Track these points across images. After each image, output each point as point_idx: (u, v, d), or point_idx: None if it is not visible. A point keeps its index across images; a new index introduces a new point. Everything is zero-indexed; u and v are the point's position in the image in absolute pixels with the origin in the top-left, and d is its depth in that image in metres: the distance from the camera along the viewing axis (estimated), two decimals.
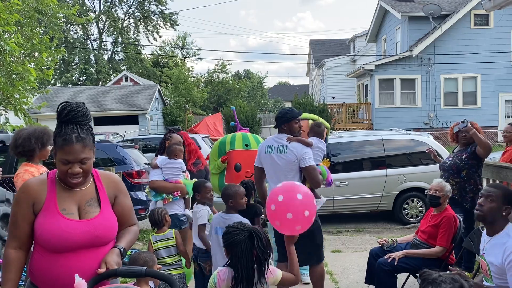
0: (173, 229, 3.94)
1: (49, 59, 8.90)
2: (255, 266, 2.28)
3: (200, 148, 13.27)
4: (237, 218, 3.43)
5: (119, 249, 2.03)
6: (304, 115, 4.54)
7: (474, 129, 4.42)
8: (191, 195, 4.29)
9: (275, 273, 2.40)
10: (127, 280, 3.94)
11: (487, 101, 20.43)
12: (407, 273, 3.85)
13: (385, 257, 3.67)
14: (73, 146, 1.88)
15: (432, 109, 20.53)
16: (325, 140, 4.55)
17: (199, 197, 3.95)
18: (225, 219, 3.48)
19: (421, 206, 8.05)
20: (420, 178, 7.98)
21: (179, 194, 4.27)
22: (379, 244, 3.95)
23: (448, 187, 3.84)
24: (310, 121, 4.68)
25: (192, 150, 5.02)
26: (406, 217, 8.07)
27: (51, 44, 9.44)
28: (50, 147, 3.64)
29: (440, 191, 3.79)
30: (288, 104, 56.13)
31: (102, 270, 1.89)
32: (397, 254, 3.64)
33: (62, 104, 1.95)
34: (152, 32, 41.20)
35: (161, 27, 41.10)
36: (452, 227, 3.64)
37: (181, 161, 4.37)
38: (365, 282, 4.02)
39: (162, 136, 5.12)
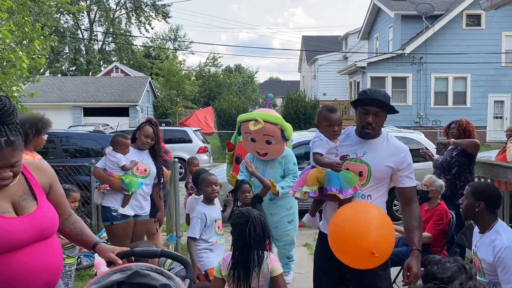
0: None
1: (42, 46, 8.81)
2: (251, 252, 2.35)
3: (191, 141, 13.49)
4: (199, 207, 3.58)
5: (104, 242, 2.10)
6: (264, 116, 4.18)
7: (452, 140, 4.59)
8: (130, 193, 4.02)
9: (275, 263, 2.46)
10: None
11: (477, 101, 20.65)
12: (399, 267, 3.89)
13: None
14: (3, 152, 1.72)
15: (422, 108, 20.70)
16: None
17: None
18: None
19: None
20: None
21: (107, 187, 3.99)
22: None
23: (438, 182, 3.89)
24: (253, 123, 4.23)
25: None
26: (396, 213, 8.15)
27: (43, 33, 9.34)
28: (45, 136, 3.57)
29: (428, 186, 3.86)
30: (279, 100, 56.11)
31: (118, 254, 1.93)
32: None
33: None
34: (144, 24, 40.93)
35: (153, 19, 40.82)
36: (442, 219, 3.71)
37: (118, 155, 4.03)
38: None
39: None
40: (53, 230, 1.95)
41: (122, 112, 24.79)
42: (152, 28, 50.50)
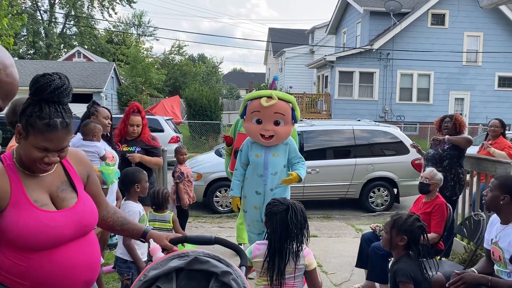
0: (171, 213, 3.80)
1: (10, 26, 8.39)
2: (290, 241, 2.30)
3: (163, 131, 13.20)
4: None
5: (152, 229, 2.01)
6: (277, 94, 3.89)
7: (446, 137, 4.71)
8: (109, 185, 3.69)
9: (311, 257, 2.42)
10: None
11: (439, 98, 21.38)
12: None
13: None
14: (58, 134, 1.60)
15: (387, 103, 21.21)
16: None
17: (139, 188, 3.26)
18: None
19: (386, 195, 8.34)
20: (387, 168, 8.26)
21: None
22: (372, 229, 4.05)
23: (438, 176, 3.97)
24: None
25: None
26: (372, 205, 8.33)
27: (11, 11, 8.89)
28: None
29: (430, 179, 3.93)
30: (243, 92, 56.03)
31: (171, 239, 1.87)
32: None
33: (45, 78, 1.60)
34: (108, 8, 39.60)
35: (118, 3, 39.56)
36: (444, 214, 3.79)
37: (97, 144, 3.69)
38: (356, 266, 4.12)
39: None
40: (93, 225, 1.82)
41: (86, 98, 23.84)
42: (115, 13, 49.00)
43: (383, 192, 8.34)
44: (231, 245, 1.87)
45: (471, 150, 5.08)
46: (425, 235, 2.65)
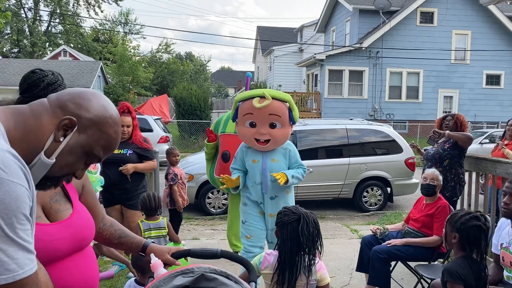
0: (164, 218, 3.65)
1: None
2: (302, 254, 2.17)
3: (151, 131, 12.98)
4: None
5: (152, 242, 1.87)
6: (272, 92, 3.54)
7: (447, 132, 4.61)
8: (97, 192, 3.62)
9: (324, 272, 2.30)
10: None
11: (428, 96, 21.46)
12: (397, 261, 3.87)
13: (386, 243, 3.67)
14: None
15: (377, 101, 21.22)
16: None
17: None
18: None
19: (379, 195, 8.27)
20: (380, 168, 8.19)
21: None
22: (372, 232, 3.95)
23: (440, 176, 3.89)
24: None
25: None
26: (366, 205, 8.26)
27: None
28: None
29: (436, 180, 3.84)
30: (231, 90, 55.81)
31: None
32: (396, 242, 3.64)
33: (36, 74, 1.48)
34: (94, 6, 39.06)
35: (104, 1, 39.03)
36: (447, 216, 3.69)
37: None
38: (357, 270, 4.01)
39: None
40: (91, 238, 1.66)
41: None
42: (102, 11, 48.37)
43: (377, 192, 8.27)
44: (238, 259, 1.74)
45: (472, 148, 4.99)
46: (483, 236, 2.46)
